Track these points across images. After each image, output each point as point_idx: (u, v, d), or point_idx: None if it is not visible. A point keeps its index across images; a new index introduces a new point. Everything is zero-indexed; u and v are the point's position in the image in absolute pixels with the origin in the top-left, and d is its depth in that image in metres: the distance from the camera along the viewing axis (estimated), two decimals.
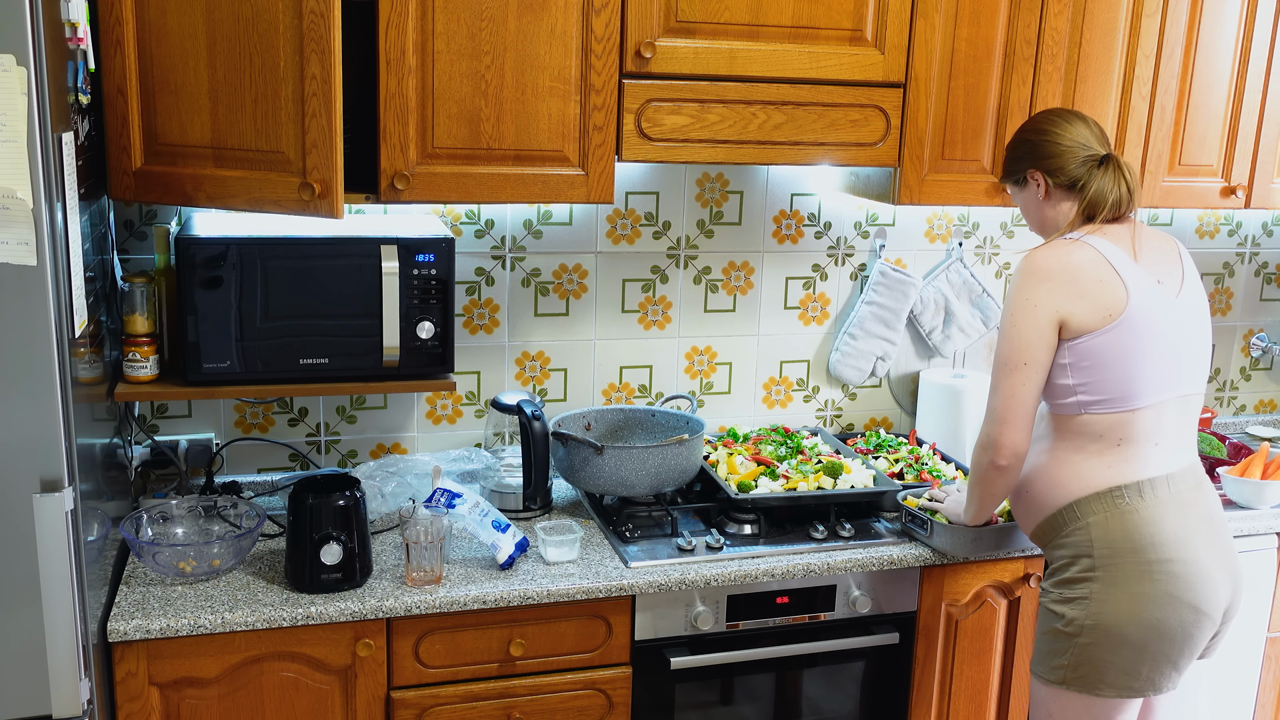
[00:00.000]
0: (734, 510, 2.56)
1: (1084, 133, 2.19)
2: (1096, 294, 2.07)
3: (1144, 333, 2.08)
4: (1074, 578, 2.11)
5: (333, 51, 2.01)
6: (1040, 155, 2.20)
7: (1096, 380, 2.09)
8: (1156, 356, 2.10)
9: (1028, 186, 2.24)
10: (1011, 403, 2.10)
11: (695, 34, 2.36)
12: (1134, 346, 2.08)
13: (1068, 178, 2.18)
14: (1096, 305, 2.07)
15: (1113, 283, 2.08)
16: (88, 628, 1.87)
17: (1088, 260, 2.10)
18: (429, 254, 2.31)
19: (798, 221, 2.97)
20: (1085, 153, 2.17)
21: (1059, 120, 2.21)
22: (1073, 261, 2.09)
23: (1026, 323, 2.08)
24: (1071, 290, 2.07)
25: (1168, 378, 2.12)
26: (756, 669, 2.46)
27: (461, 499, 2.34)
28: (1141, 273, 2.12)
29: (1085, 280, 2.08)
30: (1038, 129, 2.23)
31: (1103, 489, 2.11)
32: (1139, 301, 2.08)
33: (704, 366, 2.99)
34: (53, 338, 1.72)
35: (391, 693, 2.23)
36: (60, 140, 1.75)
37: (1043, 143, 2.20)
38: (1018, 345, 2.09)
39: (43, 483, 1.75)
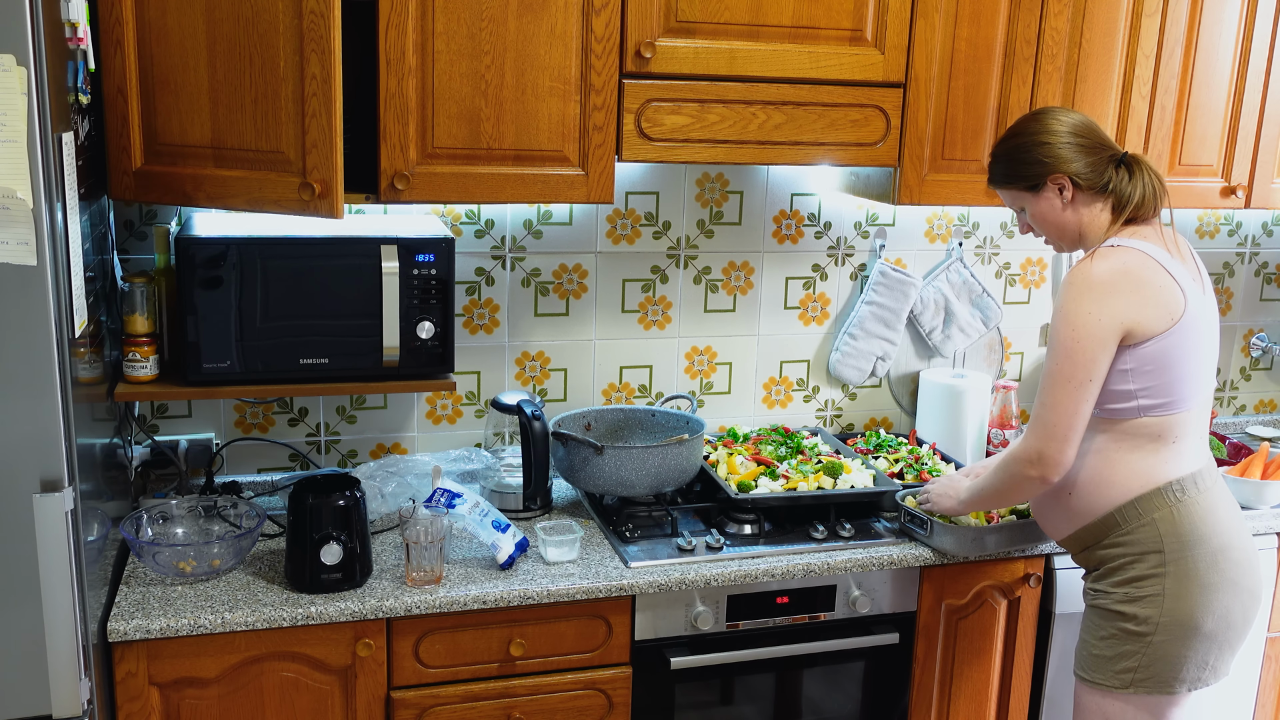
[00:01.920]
0: (734, 510, 2.56)
1: (1095, 129, 2.13)
2: (1158, 298, 2.03)
3: (1197, 331, 2.07)
4: (1142, 575, 2.08)
5: (333, 51, 2.01)
6: (1062, 158, 2.11)
7: (1159, 384, 2.05)
8: (1206, 354, 2.10)
9: (1044, 193, 2.15)
10: (1073, 420, 2.04)
11: (695, 34, 2.36)
12: (1191, 346, 2.06)
13: (1097, 178, 2.11)
14: (1159, 309, 2.03)
15: (1169, 285, 2.04)
16: (88, 628, 1.87)
17: (1145, 265, 2.04)
18: (429, 254, 2.30)
19: (798, 221, 2.97)
20: (1108, 151, 2.12)
21: (1063, 119, 2.14)
22: (1133, 268, 2.03)
23: (1091, 338, 2.01)
24: (1135, 298, 2.02)
25: (1211, 373, 2.14)
26: (756, 669, 2.46)
27: (461, 499, 2.34)
28: (1186, 270, 2.09)
29: (1147, 286, 2.03)
30: (1046, 130, 2.13)
31: (1161, 484, 2.09)
32: (1193, 300, 2.06)
33: (704, 366, 2.99)
34: (53, 338, 1.72)
35: (391, 693, 2.23)
36: (60, 140, 1.75)
37: (1061, 145, 2.11)
38: (1082, 361, 2.02)
39: (43, 483, 1.75)
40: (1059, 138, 2.12)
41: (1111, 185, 2.10)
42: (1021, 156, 2.16)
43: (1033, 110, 2.25)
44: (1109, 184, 2.10)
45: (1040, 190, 2.15)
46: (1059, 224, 2.17)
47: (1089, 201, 2.12)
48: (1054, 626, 2.63)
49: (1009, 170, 2.20)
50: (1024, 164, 2.16)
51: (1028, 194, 2.18)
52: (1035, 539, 2.53)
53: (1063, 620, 2.63)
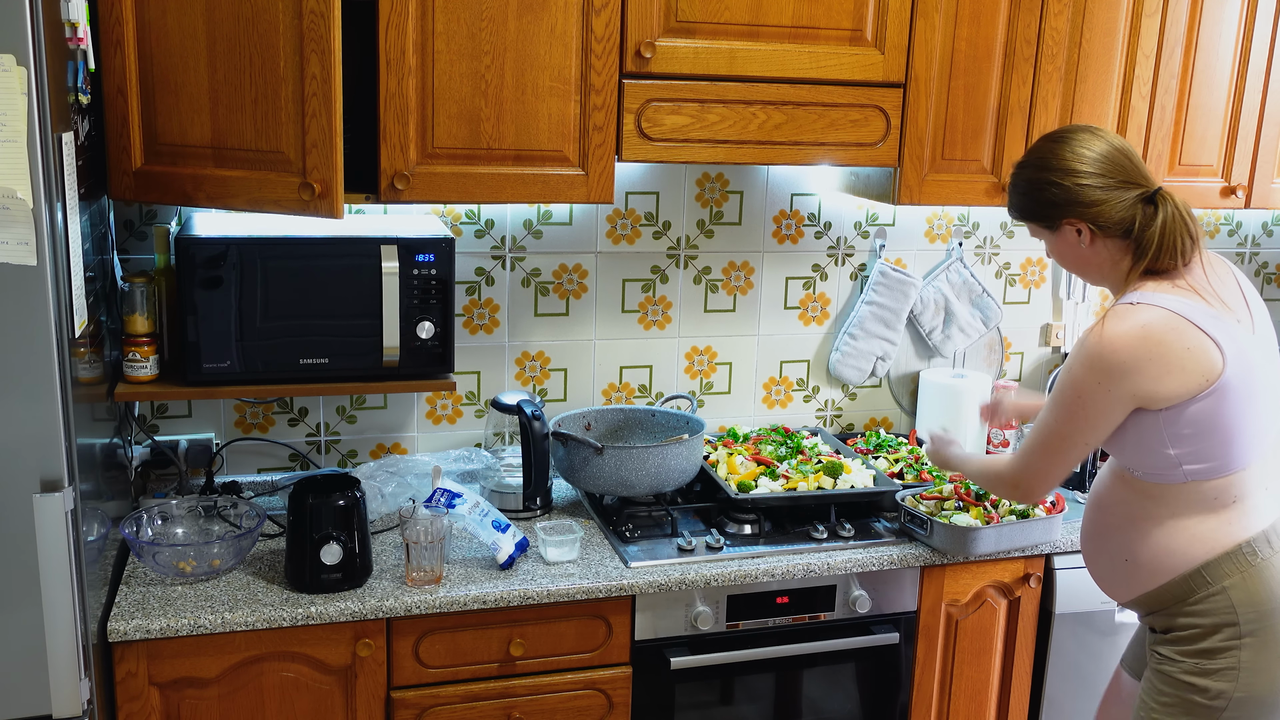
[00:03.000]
0: (734, 510, 2.56)
1: (1124, 162, 1.91)
2: (1186, 364, 1.83)
3: (1245, 386, 1.87)
4: (1216, 647, 1.91)
5: (333, 51, 2.01)
6: (1078, 202, 1.91)
7: (1202, 448, 1.88)
8: (1262, 405, 1.91)
9: (1061, 233, 1.97)
10: (1063, 470, 1.97)
11: (695, 34, 2.36)
12: (1238, 405, 1.86)
13: (1118, 223, 1.91)
14: (1188, 375, 1.84)
15: (1202, 345, 1.84)
16: (88, 628, 1.87)
17: (1168, 329, 1.84)
18: (429, 254, 2.30)
19: (798, 221, 2.97)
20: (1134, 192, 1.90)
21: (1089, 150, 1.92)
22: (1153, 337, 1.83)
23: (1095, 408, 1.87)
24: (1153, 370, 1.83)
25: (1271, 422, 1.94)
26: (756, 669, 2.46)
27: (461, 499, 2.34)
28: (1225, 321, 1.88)
29: (1170, 355, 1.83)
30: (1067, 166, 1.92)
31: (1229, 548, 1.91)
32: (1234, 356, 1.86)
33: (704, 366, 2.99)
34: (53, 338, 1.72)
35: (391, 693, 2.23)
36: (60, 140, 1.75)
37: (1080, 185, 1.91)
38: (1084, 426, 1.90)
39: (43, 483, 1.75)
40: (1079, 177, 1.91)
41: (1130, 230, 1.90)
42: (1037, 194, 1.98)
43: (1060, 130, 1.99)
44: (1128, 229, 1.91)
45: (1057, 230, 1.98)
46: (1079, 262, 2.00)
47: (1110, 243, 1.94)
48: (1054, 626, 2.63)
49: (1025, 205, 2.03)
50: (1039, 202, 1.98)
51: (1045, 230, 2.02)
52: (1035, 539, 2.53)
53: (1062, 620, 2.63)
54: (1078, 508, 2.72)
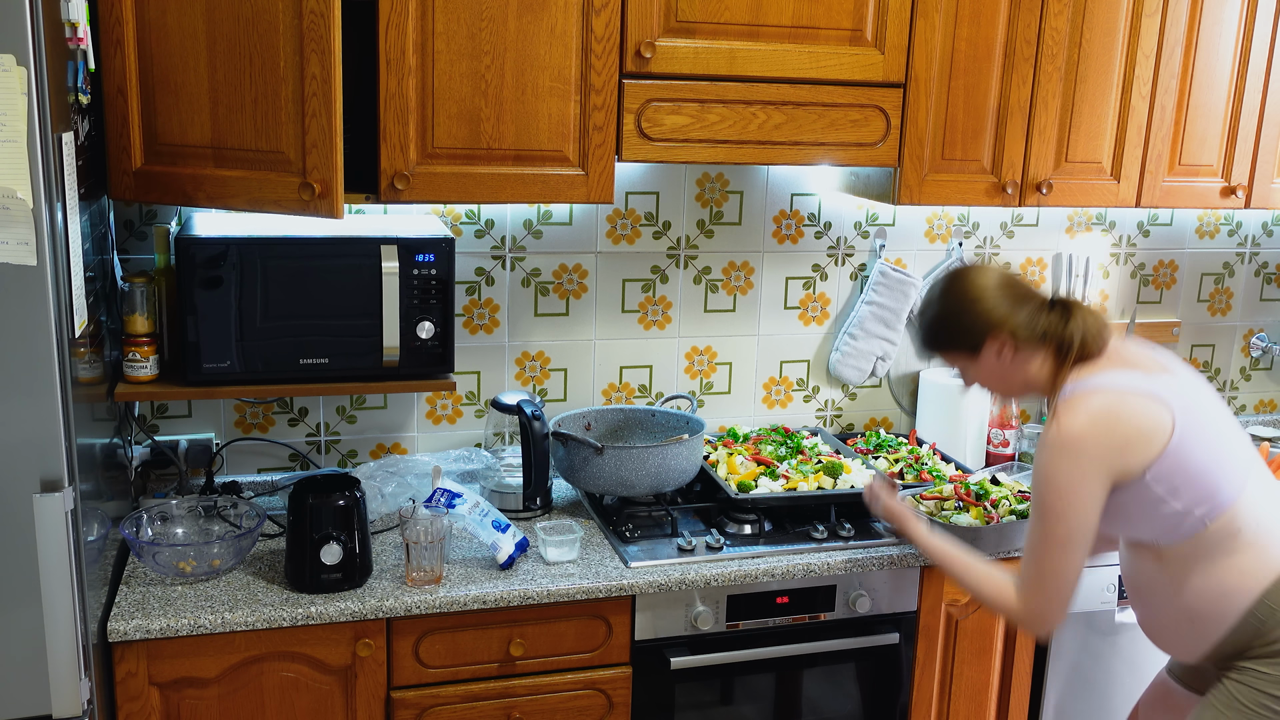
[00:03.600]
0: (734, 510, 2.56)
1: (1018, 280, 2.02)
2: (1144, 430, 1.90)
3: (1199, 425, 1.94)
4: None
5: (333, 51, 2.01)
6: (993, 321, 1.98)
7: (1198, 490, 1.93)
8: (1223, 430, 1.99)
9: (983, 355, 2.02)
10: (1075, 581, 1.95)
11: (695, 34, 2.36)
12: (1204, 441, 1.94)
13: (1034, 331, 1.98)
14: (1149, 440, 1.90)
15: (1149, 407, 1.92)
16: (88, 628, 1.87)
17: (1118, 406, 1.91)
18: (429, 254, 2.31)
19: (798, 221, 2.97)
20: (1035, 302, 1.99)
21: (986, 277, 2.02)
22: (1107, 418, 1.90)
23: (1078, 499, 1.90)
24: (1115, 445, 1.90)
25: (1243, 444, 2.02)
26: (756, 669, 2.46)
27: (461, 499, 2.34)
28: (1159, 377, 1.96)
29: (1127, 429, 1.90)
30: (974, 291, 2.00)
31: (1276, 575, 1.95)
32: (1180, 405, 1.93)
33: (704, 366, 2.99)
34: (53, 338, 1.72)
35: (391, 693, 2.23)
36: (60, 140, 1.75)
37: (993, 303, 1.98)
38: (1073, 524, 1.91)
39: (43, 483, 1.75)
40: (986, 301, 1.99)
41: (1049, 333, 1.98)
42: (954, 324, 2.03)
43: (949, 273, 2.08)
44: (1045, 333, 1.98)
45: (979, 353, 2.02)
46: (1005, 379, 2.05)
47: (1029, 354, 2.00)
48: None
49: (943, 339, 2.08)
50: (959, 330, 2.03)
51: (967, 357, 2.05)
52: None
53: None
54: None
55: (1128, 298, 3.34)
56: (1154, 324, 3.36)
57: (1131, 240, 3.29)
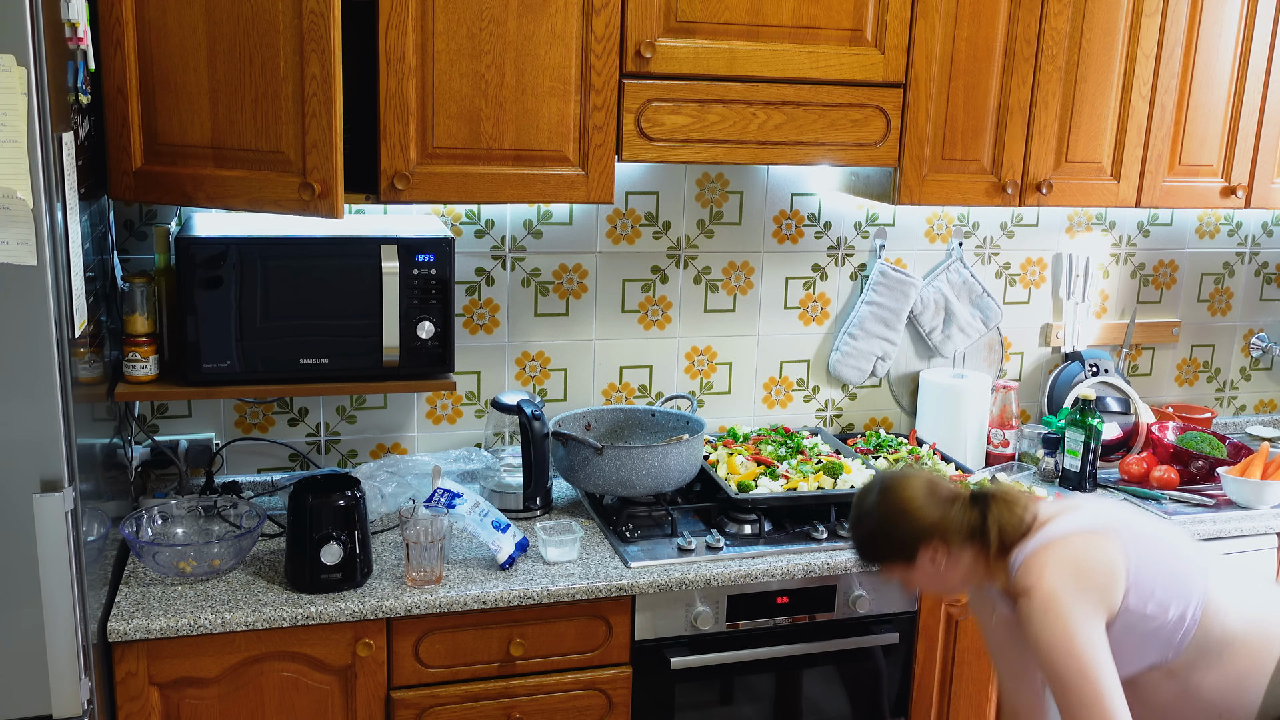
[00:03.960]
0: (734, 510, 2.56)
1: (938, 481, 2.04)
2: (1101, 559, 1.93)
3: (1138, 530, 1.99)
4: None
5: (333, 51, 2.01)
6: (924, 529, 1.99)
7: (1176, 591, 1.94)
8: (1160, 530, 2.03)
9: (918, 563, 2.02)
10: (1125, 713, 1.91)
11: (695, 34, 2.36)
12: (1151, 544, 1.97)
13: (961, 531, 1.99)
14: (1111, 565, 1.93)
15: (1094, 540, 1.95)
16: (88, 628, 1.87)
17: (1067, 550, 1.93)
18: (429, 254, 2.31)
19: (798, 221, 2.97)
20: (958, 502, 2.01)
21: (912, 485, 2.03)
22: (1066, 562, 1.92)
23: (1088, 649, 1.88)
24: (1088, 583, 1.91)
25: (1181, 533, 2.07)
26: (756, 669, 2.46)
27: (461, 499, 2.34)
28: (1081, 512, 2.02)
29: (1087, 564, 1.92)
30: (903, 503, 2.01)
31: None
32: (1111, 520, 1.99)
33: (704, 366, 2.99)
34: (53, 338, 1.72)
35: (391, 693, 2.23)
36: (60, 140, 1.75)
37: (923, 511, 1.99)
38: (1096, 674, 1.87)
39: (43, 483, 1.75)
40: (918, 504, 2.00)
41: (973, 530, 1.99)
42: (887, 538, 2.03)
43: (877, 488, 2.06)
44: (971, 530, 1.99)
45: (915, 561, 2.02)
46: (941, 583, 2.07)
47: (960, 553, 2.01)
48: None
49: (877, 552, 2.07)
50: (891, 544, 2.03)
51: (903, 565, 2.05)
52: None
53: None
54: None
55: (1128, 298, 3.34)
56: (1154, 324, 3.36)
57: (1131, 240, 3.29)
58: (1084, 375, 3.19)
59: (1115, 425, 3.10)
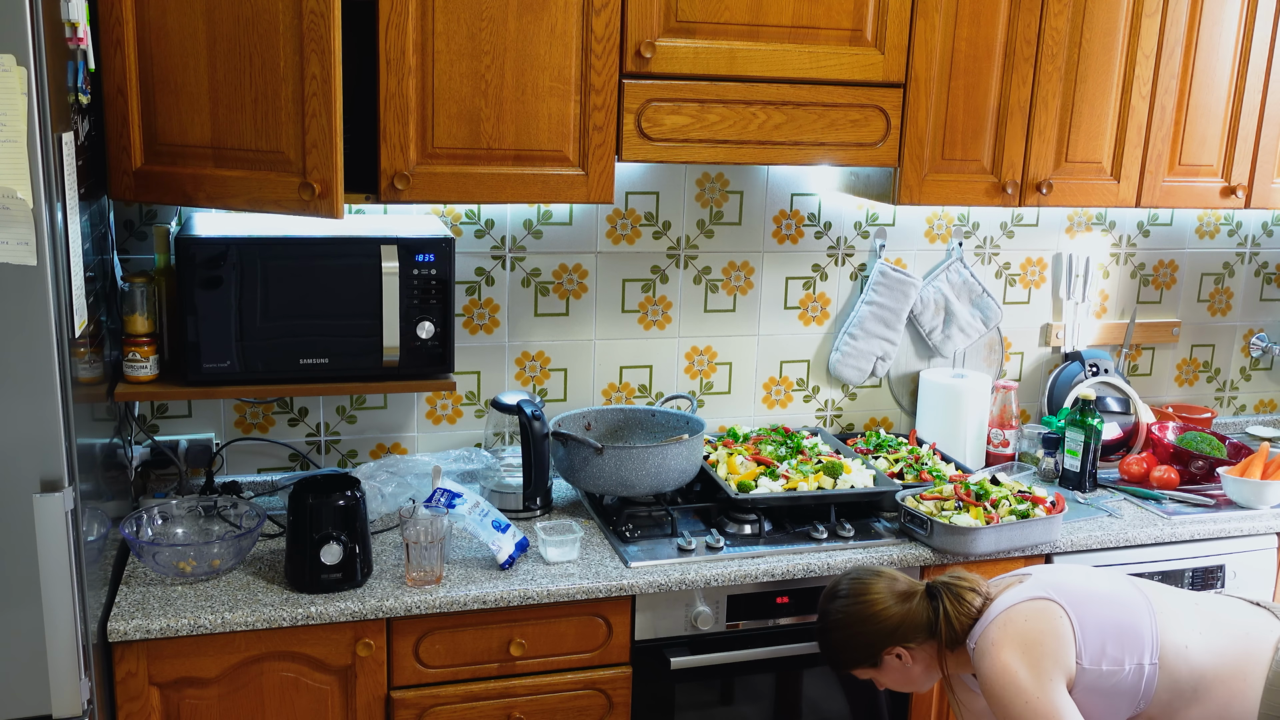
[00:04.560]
0: (734, 510, 2.56)
1: (890, 583, 2.07)
2: (1046, 625, 1.97)
3: (1075, 590, 2.02)
4: None
5: (333, 51, 2.01)
6: (887, 631, 2.03)
7: (1129, 642, 1.98)
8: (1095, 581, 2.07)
9: (885, 665, 2.07)
10: None
11: (695, 34, 2.36)
12: (1090, 599, 2.01)
13: (921, 629, 2.04)
14: (1056, 627, 1.97)
15: (1034, 607, 1.99)
16: (88, 628, 1.87)
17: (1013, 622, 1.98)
18: (429, 254, 2.31)
19: (798, 221, 2.97)
20: (915, 598, 2.05)
21: (872, 584, 2.07)
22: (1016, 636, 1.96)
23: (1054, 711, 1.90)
24: (1042, 650, 1.95)
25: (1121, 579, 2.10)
26: (756, 669, 2.46)
27: (461, 499, 2.34)
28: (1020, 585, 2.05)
29: (1035, 632, 1.96)
30: (863, 614, 2.05)
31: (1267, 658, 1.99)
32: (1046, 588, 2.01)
33: (704, 366, 2.99)
34: (53, 338, 1.72)
35: (391, 693, 2.23)
36: (60, 140, 1.75)
37: (886, 614, 2.03)
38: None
39: (43, 483, 1.75)
40: (881, 607, 2.04)
41: (930, 624, 2.03)
42: (852, 644, 2.08)
43: (836, 589, 2.11)
44: (928, 625, 2.04)
45: (881, 664, 2.07)
46: (908, 680, 2.11)
47: (923, 648, 2.06)
48: None
49: (844, 657, 2.11)
50: (856, 649, 2.08)
51: (870, 669, 2.10)
52: (1035, 539, 2.53)
53: None
54: (1078, 508, 2.73)
55: (1128, 298, 3.34)
56: (1154, 324, 3.37)
57: (1131, 240, 3.29)
58: (1084, 375, 3.19)
59: (1115, 425, 3.10)
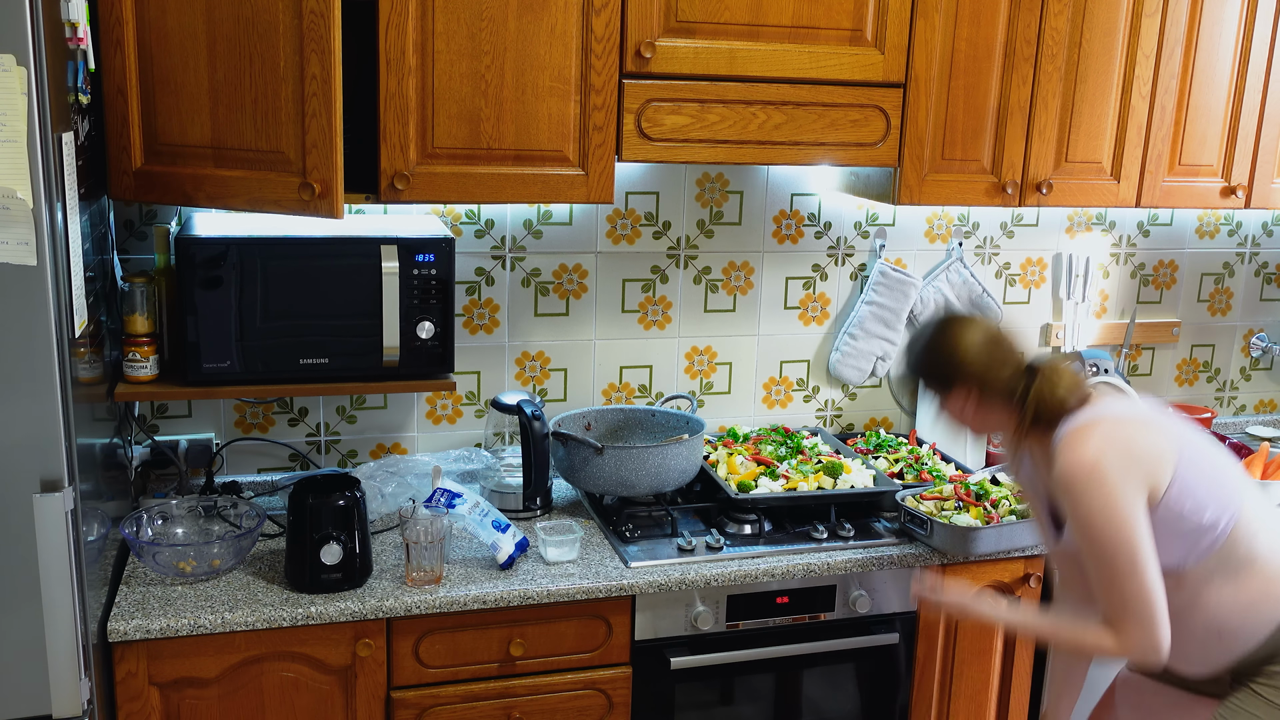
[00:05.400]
0: (734, 510, 2.56)
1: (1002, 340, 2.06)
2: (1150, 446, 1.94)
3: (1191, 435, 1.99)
4: None
5: (333, 51, 2.01)
6: (965, 375, 2.03)
7: (1217, 498, 1.95)
8: (1209, 444, 2.03)
9: (951, 398, 2.09)
10: (1156, 600, 1.91)
11: (695, 34, 2.36)
12: (1200, 450, 1.98)
13: (1000, 392, 2.02)
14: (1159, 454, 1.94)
15: (1147, 428, 1.97)
16: (88, 628, 1.87)
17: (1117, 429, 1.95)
18: (429, 254, 2.31)
19: (798, 221, 2.97)
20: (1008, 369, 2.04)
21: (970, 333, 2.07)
22: (1114, 438, 1.93)
23: (1125, 520, 1.89)
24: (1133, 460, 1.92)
25: (1230, 457, 2.06)
26: (756, 669, 2.46)
27: (461, 499, 2.34)
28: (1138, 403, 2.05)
29: (1135, 446, 1.93)
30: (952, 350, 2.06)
31: None
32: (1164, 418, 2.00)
33: (704, 366, 2.99)
34: (53, 338, 1.72)
35: (391, 693, 2.23)
36: (60, 140, 1.75)
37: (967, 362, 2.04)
38: (1132, 547, 1.90)
39: (43, 483, 1.75)
40: (970, 352, 2.04)
41: (1013, 395, 2.02)
42: (931, 366, 2.10)
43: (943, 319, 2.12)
44: (1010, 394, 2.02)
45: (950, 393, 2.08)
46: (963, 423, 2.12)
47: (991, 408, 2.05)
48: None
49: (920, 373, 2.14)
50: (934, 372, 2.10)
51: (940, 393, 2.11)
52: (1035, 539, 2.53)
53: None
54: None
55: (1128, 298, 3.34)
56: (1154, 324, 3.36)
57: (1131, 240, 3.29)
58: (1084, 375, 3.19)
59: None
